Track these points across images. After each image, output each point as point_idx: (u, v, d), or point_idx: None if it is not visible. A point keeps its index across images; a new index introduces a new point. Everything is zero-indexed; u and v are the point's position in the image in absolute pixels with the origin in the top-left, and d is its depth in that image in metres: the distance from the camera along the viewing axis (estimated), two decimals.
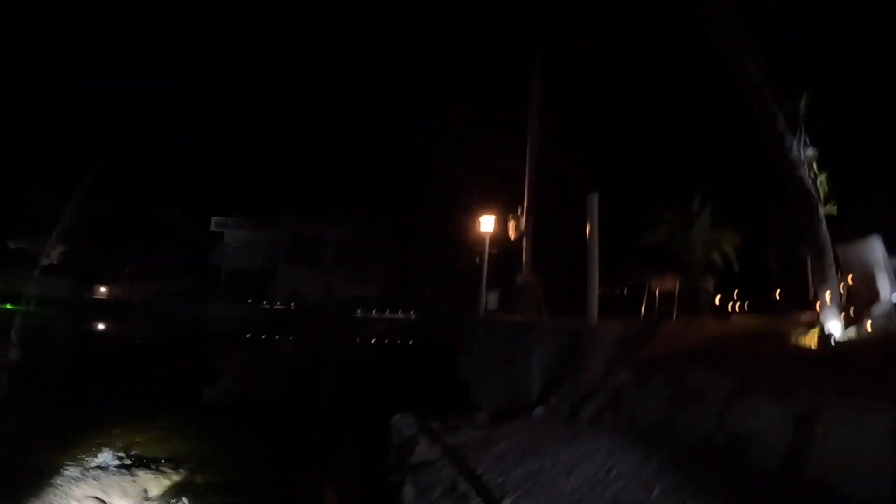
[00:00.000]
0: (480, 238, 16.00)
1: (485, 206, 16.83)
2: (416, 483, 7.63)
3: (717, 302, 16.44)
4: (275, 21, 33.51)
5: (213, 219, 38.98)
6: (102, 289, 31.31)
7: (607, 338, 10.34)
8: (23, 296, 24.60)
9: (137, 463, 9.98)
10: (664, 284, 14.97)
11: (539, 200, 15.53)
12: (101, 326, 27.73)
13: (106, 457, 10.08)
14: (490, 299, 18.71)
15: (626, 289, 17.27)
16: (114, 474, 9.30)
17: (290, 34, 33.45)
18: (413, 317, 35.84)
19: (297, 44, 33.46)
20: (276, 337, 31.42)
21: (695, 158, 16.74)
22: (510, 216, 15.73)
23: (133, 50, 32.57)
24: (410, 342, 29.55)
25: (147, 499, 9.01)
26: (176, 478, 9.62)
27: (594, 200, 11.78)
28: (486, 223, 16.06)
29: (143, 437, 11.36)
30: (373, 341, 32.49)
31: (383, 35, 29.90)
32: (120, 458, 10.27)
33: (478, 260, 17.38)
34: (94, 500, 8.44)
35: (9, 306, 25.18)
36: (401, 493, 7.62)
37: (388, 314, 37.47)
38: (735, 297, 16.75)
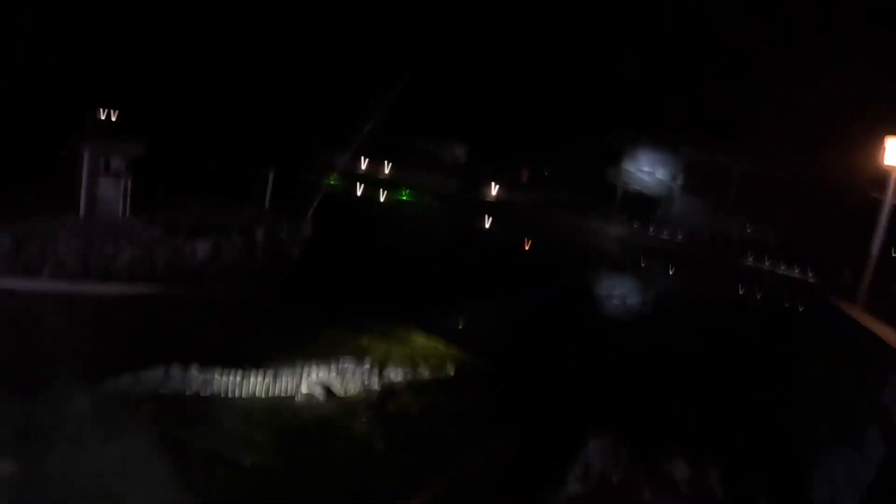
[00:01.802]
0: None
1: None
2: None
3: None
4: None
5: (611, 136, 38.68)
6: (492, 191, 35.13)
7: None
8: (418, 188, 29.32)
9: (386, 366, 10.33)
10: None
11: None
12: (480, 225, 31.15)
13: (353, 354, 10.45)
14: None
15: None
16: (353, 371, 9.70)
17: None
18: (811, 279, 30.29)
19: None
20: (652, 267, 30.67)
21: None
22: None
23: None
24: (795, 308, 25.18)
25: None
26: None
27: None
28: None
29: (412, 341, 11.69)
30: (758, 297, 28.74)
31: None
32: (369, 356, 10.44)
33: None
34: (321, 387, 8.87)
35: (405, 196, 30.37)
36: None
37: (782, 269, 32.38)
38: None
